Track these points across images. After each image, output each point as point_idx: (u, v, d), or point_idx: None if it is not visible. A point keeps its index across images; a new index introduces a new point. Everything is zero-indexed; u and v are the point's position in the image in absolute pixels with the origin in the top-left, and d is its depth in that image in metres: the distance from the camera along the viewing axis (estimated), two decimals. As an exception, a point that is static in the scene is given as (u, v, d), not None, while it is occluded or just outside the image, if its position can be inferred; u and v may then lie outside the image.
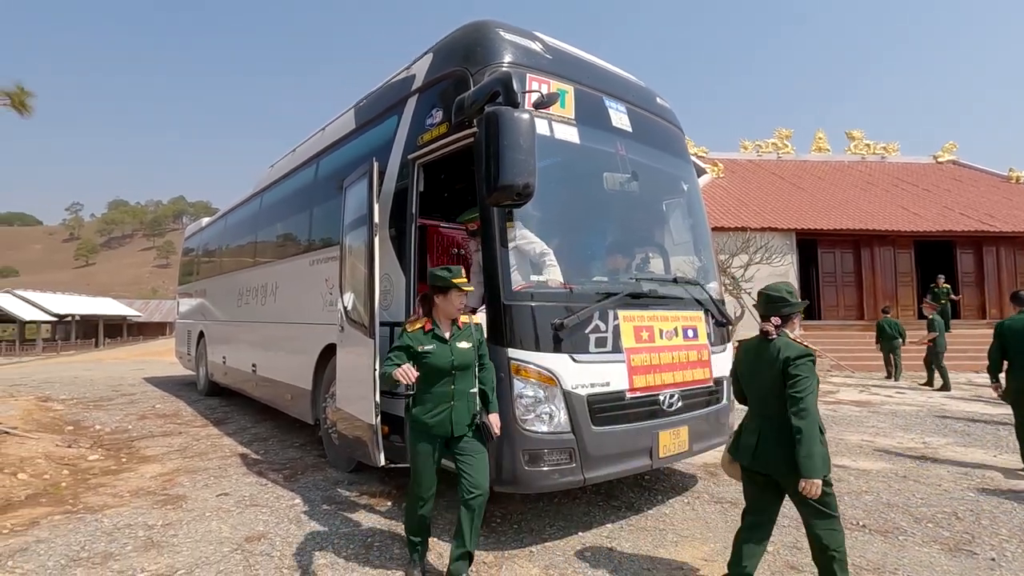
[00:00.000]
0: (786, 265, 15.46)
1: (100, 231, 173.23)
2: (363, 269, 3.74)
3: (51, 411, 7.68)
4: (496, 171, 2.92)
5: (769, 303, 2.56)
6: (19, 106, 6.13)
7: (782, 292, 2.57)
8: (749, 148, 23.83)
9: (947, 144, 24.09)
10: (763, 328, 2.54)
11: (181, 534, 3.43)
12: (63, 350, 35.41)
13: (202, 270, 9.92)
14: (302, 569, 2.95)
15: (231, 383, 7.95)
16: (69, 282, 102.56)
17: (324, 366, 4.90)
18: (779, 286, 2.61)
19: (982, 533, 3.43)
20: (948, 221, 16.84)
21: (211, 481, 4.52)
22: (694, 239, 4.53)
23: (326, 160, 5.53)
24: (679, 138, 4.73)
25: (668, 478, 4.54)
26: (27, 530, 3.50)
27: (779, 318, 2.52)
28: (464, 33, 3.81)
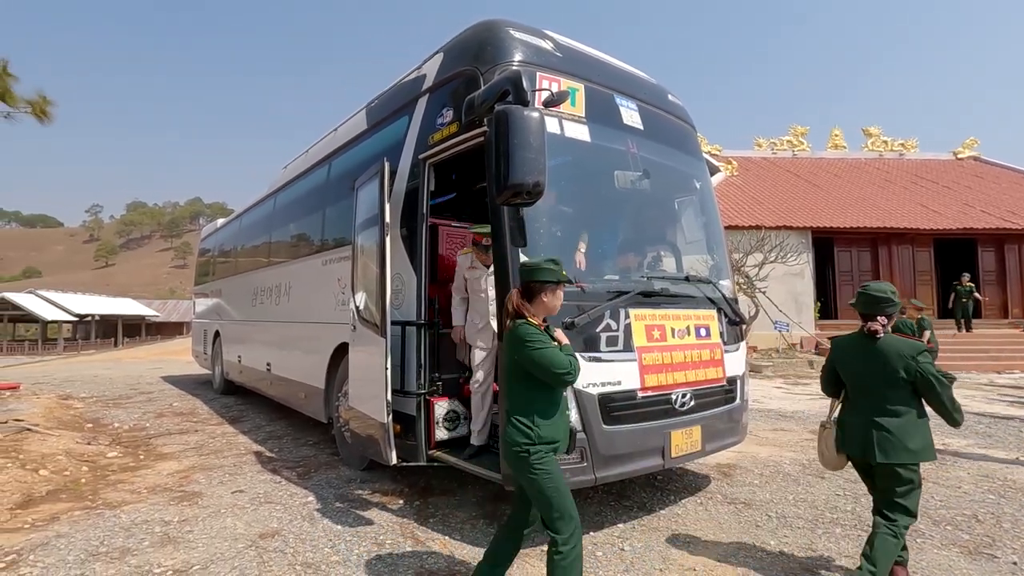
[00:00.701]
0: (802, 264, 15.30)
1: (119, 232, 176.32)
2: (375, 269, 3.77)
3: (72, 409, 7.83)
4: (506, 170, 2.91)
5: (874, 303, 2.66)
6: (40, 114, 6.28)
7: (887, 292, 2.68)
8: (764, 146, 23.59)
9: (968, 140, 23.64)
10: (872, 327, 2.64)
11: (197, 530, 3.47)
12: (83, 349, 36.12)
13: (218, 270, 10.05)
14: (315, 566, 2.98)
15: (246, 382, 8.04)
16: (89, 282, 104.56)
17: (337, 365, 4.94)
18: (883, 286, 2.71)
19: (1003, 537, 3.36)
20: (969, 219, 16.53)
21: (226, 478, 4.58)
22: (707, 237, 4.49)
23: (338, 160, 5.57)
24: (691, 135, 4.69)
25: (681, 478, 4.51)
26: (48, 525, 3.57)
27: (884, 317, 2.64)
28: (474, 32, 3.81)
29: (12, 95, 6.05)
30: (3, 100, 6.03)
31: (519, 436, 2.26)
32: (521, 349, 2.25)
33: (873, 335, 2.65)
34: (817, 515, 3.71)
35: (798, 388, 10.30)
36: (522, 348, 2.25)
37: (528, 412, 2.28)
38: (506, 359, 2.38)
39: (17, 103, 6.10)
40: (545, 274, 2.35)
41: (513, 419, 2.30)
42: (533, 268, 2.38)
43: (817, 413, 7.57)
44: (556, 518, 2.23)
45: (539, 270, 2.36)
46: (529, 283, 2.37)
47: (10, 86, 6.07)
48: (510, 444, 2.28)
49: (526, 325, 2.29)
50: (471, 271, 4.00)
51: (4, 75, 5.99)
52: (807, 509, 3.83)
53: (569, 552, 2.21)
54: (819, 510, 3.81)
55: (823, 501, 3.99)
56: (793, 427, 6.64)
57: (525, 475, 2.27)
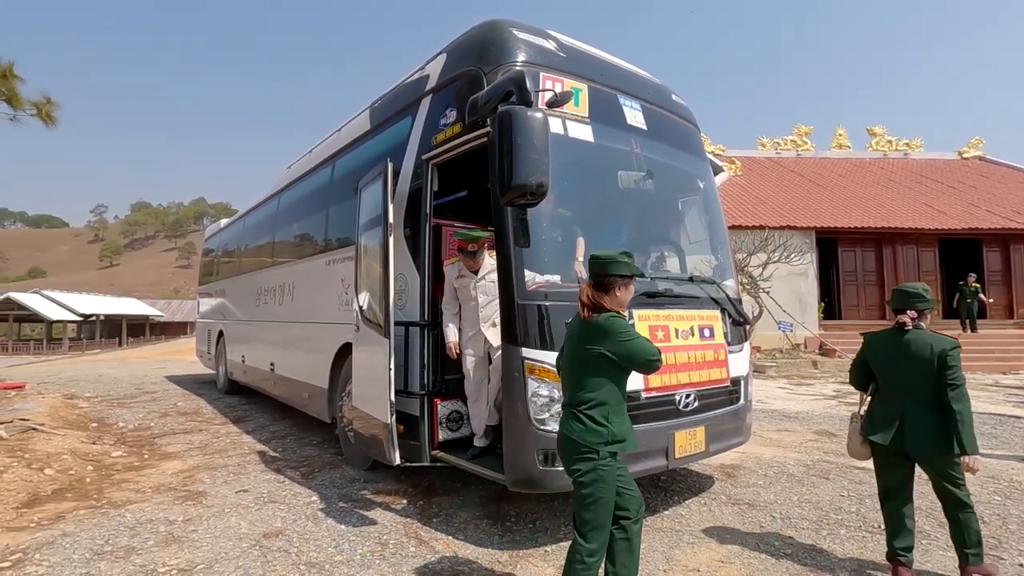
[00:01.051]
0: (805, 264, 15.25)
1: (123, 232, 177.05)
2: (378, 269, 3.77)
3: (76, 408, 7.86)
4: (509, 170, 2.92)
5: (906, 298, 2.84)
6: (46, 117, 6.30)
7: (919, 289, 2.88)
8: (767, 145, 23.53)
9: (973, 140, 23.52)
10: (900, 320, 2.81)
11: (201, 529, 3.48)
12: (88, 349, 36.27)
13: (221, 270, 10.08)
14: (318, 565, 2.98)
15: (250, 382, 8.06)
16: (94, 282, 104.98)
17: (340, 365, 4.95)
18: (916, 285, 2.92)
19: (1009, 538, 3.35)
20: (974, 218, 16.44)
21: (230, 478, 4.59)
22: (710, 237, 4.48)
23: (342, 161, 5.58)
24: (695, 135, 4.69)
25: (684, 479, 4.50)
26: (53, 524, 3.59)
27: (915, 312, 2.80)
28: (477, 33, 3.81)
29: (18, 98, 6.08)
30: (9, 103, 6.05)
31: (589, 435, 2.20)
32: (613, 341, 2.21)
33: (902, 327, 2.80)
34: (822, 516, 3.70)
35: (802, 388, 10.26)
36: (614, 340, 2.21)
37: (604, 407, 2.23)
38: (578, 352, 2.30)
39: (23, 106, 6.12)
40: (620, 268, 2.30)
41: (583, 415, 2.22)
42: (608, 262, 2.30)
43: (821, 414, 7.55)
44: (592, 528, 2.20)
45: (614, 263, 2.30)
46: (603, 276, 2.30)
47: (16, 88, 6.09)
48: (577, 443, 2.21)
49: (616, 318, 2.26)
50: (460, 280, 3.96)
51: (10, 77, 6.01)
52: (811, 510, 3.82)
53: (592, 564, 2.18)
54: (824, 511, 3.79)
55: (827, 502, 3.98)
56: (797, 428, 6.62)
57: (582, 475, 2.20)
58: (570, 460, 2.26)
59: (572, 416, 2.26)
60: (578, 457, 2.22)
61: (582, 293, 2.32)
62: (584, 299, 2.30)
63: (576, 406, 2.26)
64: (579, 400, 2.25)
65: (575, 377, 2.30)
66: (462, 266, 3.97)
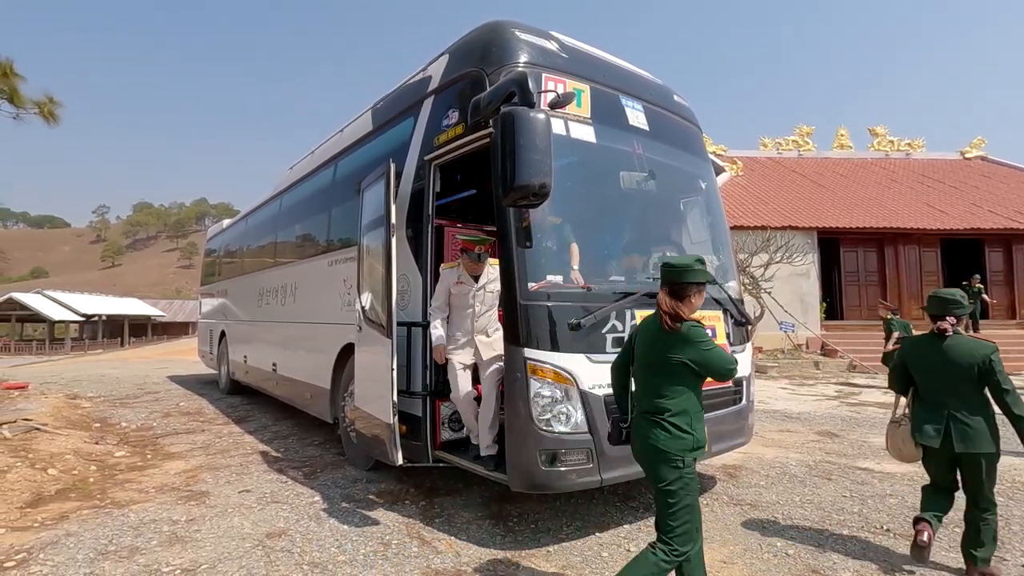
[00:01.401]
0: (807, 264, 15.24)
1: (125, 233, 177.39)
2: (380, 269, 3.78)
3: (79, 408, 7.88)
4: (512, 171, 2.92)
5: (944, 304, 2.96)
6: (48, 115, 6.31)
7: (956, 296, 2.99)
8: (769, 146, 23.52)
9: (975, 140, 23.47)
10: (941, 327, 2.94)
11: (204, 529, 3.49)
12: (90, 349, 36.35)
13: (224, 271, 10.10)
14: (321, 565, 2.99)
15: (252, 382, 8.08)
16: (96, 283, 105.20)
17: (342, 365, 4.96)
18: (953, 291, 3.03)
19: (1012, 539, 3.34)
20: (976, 219, 16.42)
21: (233, 478, 4.60)
22: (712, 238, 4.49)
23: (344, 162, 5.59)
24: (697, 136, 4.69)
25: (686, 479, 4.50)
26: (57, 524, 3.60)
27: (954, 318, 2.93)
28: (480, 34, 3.82)
29: (20, 96, 6.08)
30: (11, 102, 6.06)
31: (674, 442, 2.21)
32: (695, 350, 2.22)
33: (942, 333, 2.93)
34: (824, 517, 3.70)
35: (804, 389, 10.26)
36: (696, 349, 2.22)
37: (687, 414, 2.24)
38: (656, 360, 2.30)
39: (25, 104, 6.13)
40: (697, 275, 2.31)
41: (667, 423, 2.22)
42: (684, 269, 2.31)
43: (823, 414, 7.55)
44: (683, 533, 2.20)
45: (691, 271, 2.31)
46: (680, 284, 2.31)
47: (17, 87, 6.09)
48: (663, 451, 2.20)
49: (698, 327, 2.27)
50: (458, 286, 3.80)
51: (11, 75, 6.01)
52: (814, 511, 3.82)
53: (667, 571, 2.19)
54: (826, 512, 3.79)
55: (830, 503, 3.98)
56: (799, 428, 6.62)
57: (670, 483, 2.20)
58: (656, 468, 2.25)
59: (654, 424, 2.26)
60: (665, 465, 2.21)
61: (662, 302, 2.30)
62: (665, 308, 2.28)
63: (657, 414, 2.26)
64: (660, 408, 2.25)
65: (653, 385, 2.30)
66: (463, 271, 3.84)
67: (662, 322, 2.28)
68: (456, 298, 3.82)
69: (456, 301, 3.83)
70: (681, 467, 2.19)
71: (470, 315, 3.80)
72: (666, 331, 2.27)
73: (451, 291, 3.81)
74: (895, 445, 3.21)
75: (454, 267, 3.89)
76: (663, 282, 2.36)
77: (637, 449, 2.36)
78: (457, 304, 3.83)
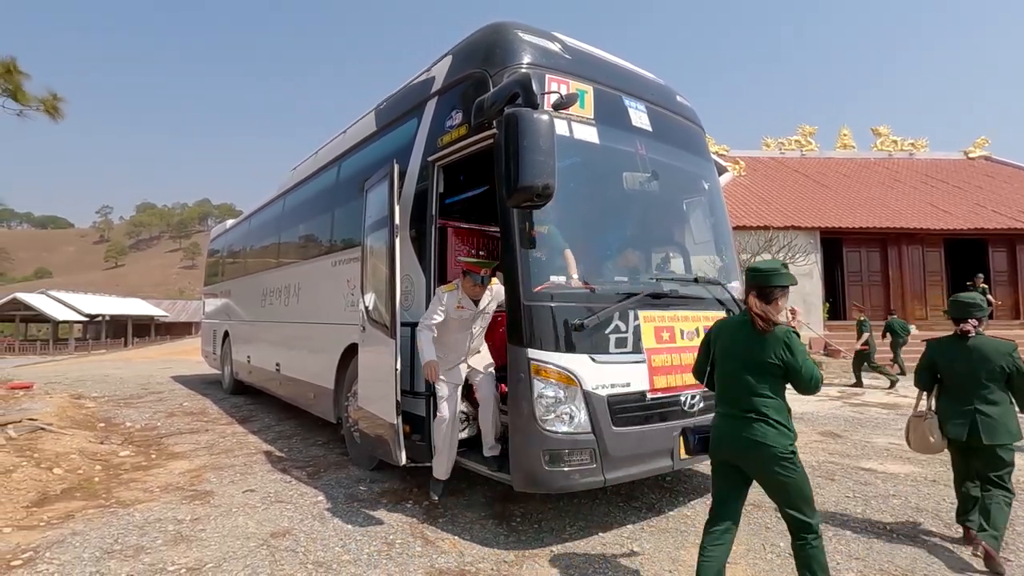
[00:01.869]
0: (810, 264, 15.21)
1: (129, 233, 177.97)
2: (384, 270, 3.79)
3: (84, 408, 7.91)
4: (516, 172, 2.93)
5: (965, 308, 3.20)
6: (52, 111, 6.32)
7: (976, 299, 3.23)
8: (772, 146, 23.49)
9: (979, 139, 23.41)
10: (964, 328, 3.18)
11: (209, 529, 3.51)
12: (94, 349, 36.46)
13: (227, 271, 10.13)
14: (326, 565, 3.00)
15: (255, 382, 8.10)
16: (100, 283, 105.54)
17: (346, 365, 4.97)
18: (973, 294, 3.28)
19: (1016, 540, 3.33)
20: (980, 219, 16.38)
21: (237, 478, 4.62)
22: (715, 238, 4.49)
23: (348, 162, 5.61)
24: (699, 136, 4.69)
25: (689, 480, 4.51)
26: (63, 523, 3.62)
27: (976, 320, 3.17)
28: (483, 35, 3.83)
29: (24, 93, 6.10)
30: (15, 99, 6.08)
31: (783, 439, 2.31)
32: (795, 356, 2.32)
33: (965, 335, 3.17)
34: (827, 517, 3.69)
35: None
36: (796, 355, 2.32)
37: (785, 413, 2.36)
38: (752, 361, 2.38)
39: (29, 101, 6.15)
40: (783, 278, 2.42)
41: (771, 420, 2.32)
42: (772, 273, 2.42)
43: (827, 415, 7.54)
44: (811, 510, 2.34)
45: (778, 275, 2.42)
46: (768, 288, 2.41)
47: (21, 84, 6.11)
48: (773, 447, 2.29)
49: (795, 333, 2.38)
50: (460, 311, 3.67)
51: (14, 72, 6.03)
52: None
53: (821, 537, 2.34)
54: (829, 512, 3.79)
55: (833, 503, 3.97)
56: (802, 428, 6.61)
57: (786, 476, 2.30)
58: (768, 464, 2.32)
59: (757, 422, 2.33)
60: (779, 459, 2.30)
61: (753, 305, 2.38)
62: (757, 311, 2.36)
63: (759, 412, 2.34)
64: (760, 406, 2.34)
65: (749, 384, 2.37)
66: (463, 295, 3.68)
67: (754, 324, 2.36)
68: (455, 322, 3.69)
69: (455, 325, 3.70)
70: (792, 458, 2.31)
71: (467, 337, 3.73)
72: (759, 332, 2.36)
73: (451, 316, 3.66)
74: (919, 437, 3.35)
75: (452, 290, 3.68)
76: (750, 286, 2.45)
77: (734, 446, 2.41)
78: (456, 327, 3.70)
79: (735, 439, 2.39)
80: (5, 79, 6.04)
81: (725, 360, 2.48)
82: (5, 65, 6.00)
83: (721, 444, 2.48)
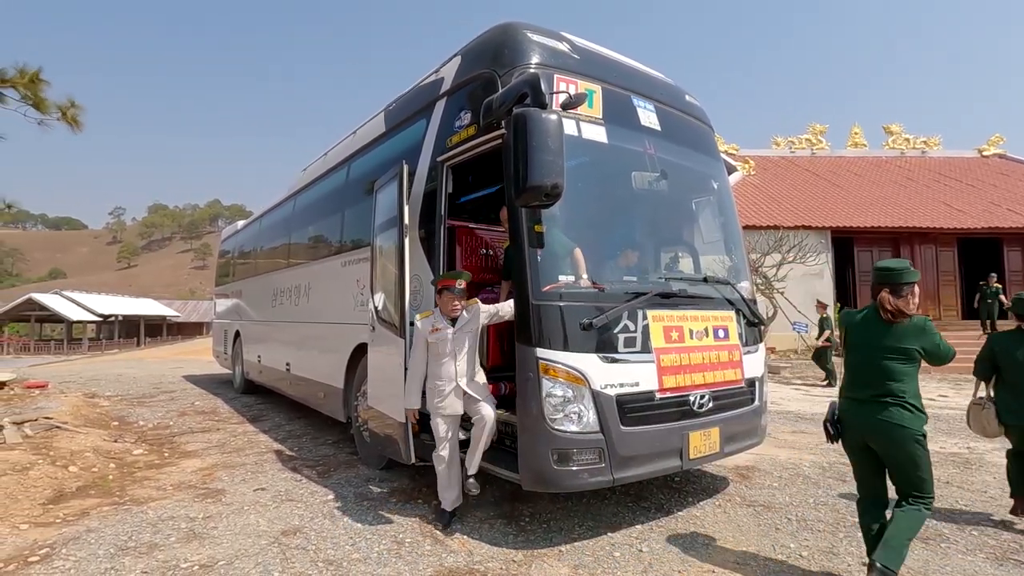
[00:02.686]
0: (821, 264, 15.10)
1: (141, 234, 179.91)
2: (393, 270, 3.81)
3: (98, 407, 8.02)
4: (524, 172, 2.94)
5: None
6: (72, 121, 6.40)
7: None
8: (782, 144, 23.32)
9: (993, 137, 23.10)
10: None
11: (221, 526, 3.55)
12: (107, 349, 36.92)
13: (238, 271, 10.22)
14: (336, 563, 3.03)
15: (266, 381, 8.17)
16: (113, 283, 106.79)
17: (356, 365, 5.00)
18: None
19: (1031, 542, 3.29)
20: (994, 217, 16.17)
21: (248, 476, 4.66)
22: (725, 238, 4.47)
23: (357, 163, 5.64)
24: (709, 136, 4.67)
25: (698, 480, 4.49)
26: (78, 520, 3.68)
27: None
28: (491, 35, 3.84)
29: (45, 103, 6.18)
30: (37, 108, 6.16)
31: (918, 421, 2.57)
32: (930, 340, 2.61)
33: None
34: (838, 519, 3.67)
35: (817, 390, 10.17)
36: (931, 339, 2.61)
37: (919, 398, 2.62)
38: (886, 350, 2.63)
39: (49, 111, 6.23)
40: (912, 275, 2.69)
41: (907, 403, 2.58)
42: (903, 271, 2.69)
43: (837, 415, 7.46)
44: (931, 486, 2.63)
45: (908, 272, 2.69)
46: (899, 284, 2.67)
47: (42, 93, 6.19)
48: (909, 428, 2.55)
49: (930, 321, 2.68)
50: (435, 334, 3.45)
51: (37, 82, 6.11)
52: (828, 512, 3.79)
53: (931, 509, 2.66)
54: (840, 513, 3.77)
55: (844, 504, 3.94)
56: (812, 429, 6.56)
57: (917, 456, 2.57)
58: (902, 443, 2.57)
59: (893, 405, 2.59)
60: (910, 440, 2.56)
61: (885, 302, 2.65)
62: (890, 307, 2.63)
63: (894, 396, 2.59)
64: (896, 391, 2.59)
65: (884, 371, 2.63)
66: (438, 315, 3.50)
67: (885, 317, 2.64)
68: (434, 346, 3.48)
69: (435, 350, 3.48)
70: (923, 438, 2.57)
71: (450, 360, 3.45)
72: (891, 324, 2.63)
73: (428, 340, 3.48)
74: (979, 423, 3.68)
75: (427, 316, 3.53)
76: (883, 283, 2.70)
77: (868, 427, 2.65)
78: (436, 352, 3.48)
79: (869, 421, 2.64)
80: (28, 89, 6.12)
81: (857, 350, 2.74)
82: (29, 75, 6.08)
83: (854, 426, 2.72)
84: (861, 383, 2.70)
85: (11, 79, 6.00)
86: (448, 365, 3.46)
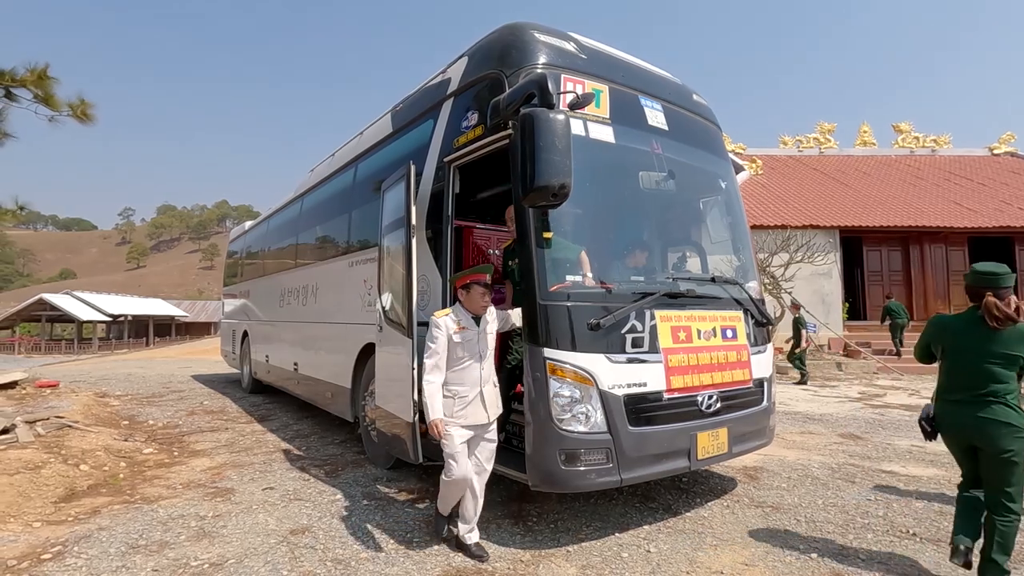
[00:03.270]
0: (829, 264, 15.00)
1: (150, 235, 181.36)
2: (400, 270, 3.82)
3: (108, 406, 8.09)
4: (532, 172, 2.94)
5: None
6: (81, 116, 6.42)
7: None
8: (789, 143, 23.18)
9: (1004, 135, 22.85)
10: None
11: (230, 525, 3.57)
12: (117, 348, 37.29)
13: (246, 272, 10.28)
14: (344, 562, 3.04)
15: (274, 381, 8.21)
16: (122, 284, 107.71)
17: (363, 365, 5.02)
18: None
19: (1043, 545, 3.26)
20: (1006, 216, 16.00)
21: (257, 475, 4.69)
22: (732, 238, 4.45)
23: (364, 164, 5.66)
24: (716, 135, 4.65)
25: (706, 480, 4.48)
26: (90, 518, 3.71)
27: None
28: (499, 36, 3.84)
29: (55, 100, 6.22)
30: (47, 105, 6.20)
31: (1021, 418, 2.59)
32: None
33: None
34: (848, 520, 3.65)
35: (825, 391, 10.10)
36: None
37: (1019, 398, 2.63)
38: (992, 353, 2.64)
39: (59, 108, 6.27)
40: (1010, 279, 2.70)
41: (1010, 404, 2.61)
42: (1004, 275, 2.70)
43: (846, 416, 7.42)
44: (1020, 494, 2.61)
45: (1008, 276, 2.70)
46: (1001, 288, 2.67)
47: (51, 90, 6.23)
48: (1015, 425, 2.57)
49: None
50: (462, 333, 3.12)
51: (45, 79, 6.14)
52: (837, 514, 3.77)
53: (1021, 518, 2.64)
54: (850, 515, 3.74)
55: (853, 506, 3.92)
56: (821, 430, 6.52)
57: (1015, 454, 2.57)
58: (1000, 440, 2.59)
59: (995, 404, 2.61)
60: (1011, 437, 2.57)
61: (994, 307, 2.64)
62: (999, 312, 2.62)
63: (997, 396, 2.62)
64: (1001, 392, 2.62)
65: (988, 375, 2.64)
66: (461, 312, 3.19)
67: (992, 323, 2.63)
68: (459, 347, 3.13)
69: (459, 352, 3.14)
70: (1022, 438, 2.58)
71: (475, 364, 3.15)
72: (996, 329, 2.63)
73: (455, 340, 3.13)
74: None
75: (447, 314, 3.18)
76: (985, 286, 2.70)
77: (970, 426, 2.68)
78: (461, 355, 3.14)
79: (971, 419, 2.66)
80: (37, 86, 6.16)
81: (959, 355, 2.74)
82: (37, 72, 6.12)
83: (954, 427, 2.75)
84: (963, 386, 2.71)
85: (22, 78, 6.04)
86: (472, 368, 3.13)
